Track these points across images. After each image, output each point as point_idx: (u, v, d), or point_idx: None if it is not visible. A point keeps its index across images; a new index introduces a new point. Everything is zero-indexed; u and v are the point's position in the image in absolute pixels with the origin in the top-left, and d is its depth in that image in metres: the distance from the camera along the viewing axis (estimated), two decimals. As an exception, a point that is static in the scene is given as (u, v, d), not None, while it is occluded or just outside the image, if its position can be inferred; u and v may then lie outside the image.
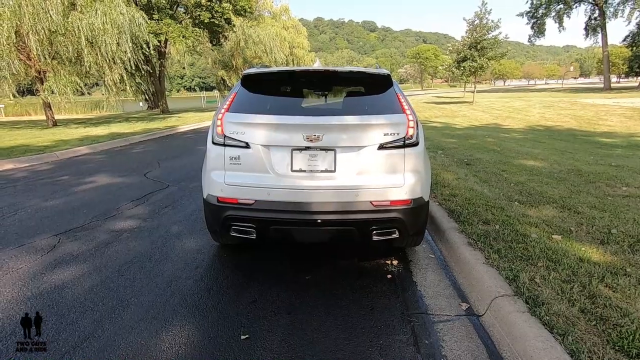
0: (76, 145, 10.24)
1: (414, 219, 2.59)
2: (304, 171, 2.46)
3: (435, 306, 2.37)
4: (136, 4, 22.72)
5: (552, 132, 11.71)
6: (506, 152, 7.20)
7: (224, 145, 2.52)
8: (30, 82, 18.59)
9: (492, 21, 23.78)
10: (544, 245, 2.82)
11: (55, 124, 16.71)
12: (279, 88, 2.78)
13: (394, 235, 2.58)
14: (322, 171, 2.45)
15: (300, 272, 2.83)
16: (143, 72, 21.41)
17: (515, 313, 2.04)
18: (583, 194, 4.21)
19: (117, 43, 15.85)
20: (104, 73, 16.17)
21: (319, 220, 2.42)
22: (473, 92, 27.74)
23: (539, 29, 40.70)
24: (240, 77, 2.81)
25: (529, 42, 43.11)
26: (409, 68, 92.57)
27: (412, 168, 2.51)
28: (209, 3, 24.30)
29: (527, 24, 41.16)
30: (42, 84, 15.18)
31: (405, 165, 2.48)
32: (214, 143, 2.57)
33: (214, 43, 26.85)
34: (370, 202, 2.44)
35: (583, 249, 2.77)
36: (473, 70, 24.72)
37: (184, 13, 24.78)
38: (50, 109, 16.72)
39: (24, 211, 4.37)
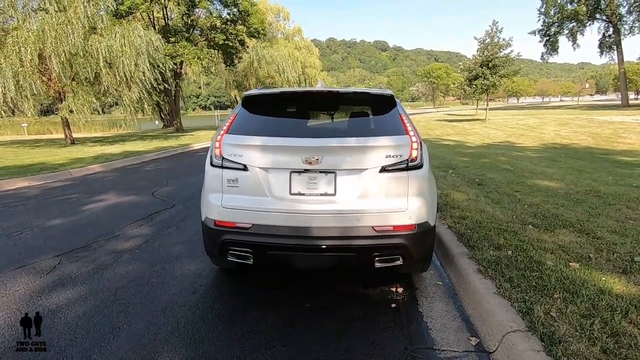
0: (90, 163, 10.45)
1: (418, 245, 2.46)
2: (303, 194, 2.37)
3: (442, 340, 2.21)
4: (154, 28, 23.68)
5: (568, 150, 11.40)
6: (519, 171, 6.98)
7: (222, 167, 2.47)
8: (51, 102, 19.32)
9: (504, 39, 23.77)
10: (561, 273, 2.64)
11: (73, 142, 17.19)
12: (280, 109, 2.74)
13: (398, 262, 2.45)
14: (321, 194, 2.36)
15: (300, 299, 2.70)
16: (159, 92, 22.04)
17: (529, 352, 1.86)
18: (602, 217, 3.99)
19: (135, 64, 16.40)
20: (121, 92, 16.68)
21: (318, 246, 2.31)
22: (485, 109, 27.52)
23: (552, 47, 40.47)
24: (241, 98, 2.79)
25: (541, 59, 42.84)
26: (421, 86, 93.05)
27: (417, 191, 2.40)
28: (223, 26, 25.13)
29: (540, 41, 41.04)
30: (61, 104, 15.73)
31: (409, 189, 2.37)
32: (212, 165, 2.53)
33: (228, 64, 27.55)
34: (372, 227, 2.33)
35: (603, 278, 2.57)
36: (485, 88, 24.59)
37: (200, 35, 25.59)
38: (69, 127, 17.25)
39: (30, 230, 4.39)
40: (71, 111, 15.59)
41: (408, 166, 2.37)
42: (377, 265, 2.42)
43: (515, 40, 23.59)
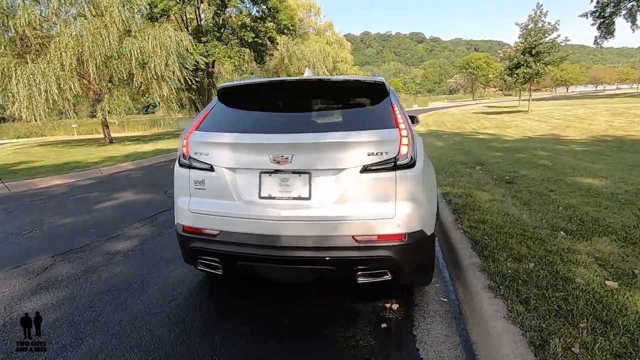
0: (121, 161, 10.82)
1: (410, 258, 2.10)
2: (274, 198, 2.09)
3: (433, 375, 1.84)
4: (187, 29, 24.29)
5: (621, 143, 10.16)
6: (559, 167, 6.23)
7: (189, 167, 2.25)
8: (91, 104, 20.42)
9: (549, 23, 21.92)
10: (593, 295, 2.15)
11: (112, 141, 18.04)
12: (257, 102, 2.45)
13: (386, 277, 2.09)
14: (294, 198, 2.06)
15: (281, 313, 2.43)
16: (191, 90, 22.67)
17: (536, 403, 1.46)
18: (655, 222, 3.35)
19: (166, 64, 16.86)
20: (153, 91, 17.26)
21: (290, 258, 2.02)
22: (528, 100, 25.63)
23: (607, 30, 36.77)
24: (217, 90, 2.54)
25: (595, 44, 39.16)
26: (459, 78, 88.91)
27: (407, 195, 2.03)
28: (253, 23, 25.28)
29: (593, 24, 37.43)
30: (99, 104, 16.53)
31: (397, 192, 2.01)
32: (180, 165, 2.30)
33: (258, 61, 27.77)
34: (353, 236, 1.99)
35: (650, 304, 2.06)
36: (528, 77, 22.88)
37: (231, 34, 25.95)
38: (107, 127, 18.11)
39: (39, 229, 4.47)
40: (108, 112, 16.36)
41: (396, 165, 2.00)
42: (361, 280, 2.08)
43: (563, 25, 21.66)
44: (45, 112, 14.94)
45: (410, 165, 2.04)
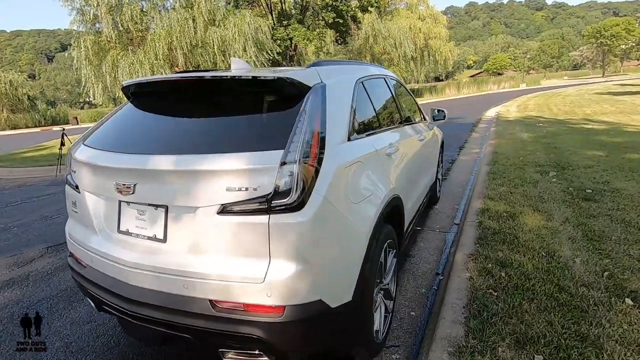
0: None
1: (297, 341, 1.44)
2: (131, 234, 1.61)
3: None
4: (271, 14, 24.78)
5: None
6: (686, 179, 4.38)
7: (68, 183, 1.91)
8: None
9: None
10: None
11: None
12: (147, 106, 1.94)
13: (263, 359, 1.47)
14: (149, 238, 1.56)
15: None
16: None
17: None
18: None
19: (244, 49, 17.46)
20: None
21: (140, 315, 1.54)
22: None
23: None
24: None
25: None
26: (585, 50, 73.83)
27: (290, 250, 1.35)
28: (334, 3, 24.52)
29: None
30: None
31: (272, 245, 1.35)
32: (66, 181, 1.98)
33: (340, 42, 27.04)
34: (211, 301, 1.42)
35: None
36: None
37: (311, 16, 25.68)
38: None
39: (58, 218, 4.76)
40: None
41: (270, 206, 1.33)
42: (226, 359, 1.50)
43: None
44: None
45: (295, 207, 1.34)
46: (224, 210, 1.37)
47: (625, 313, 1.95)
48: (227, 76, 1.64)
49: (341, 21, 24.60)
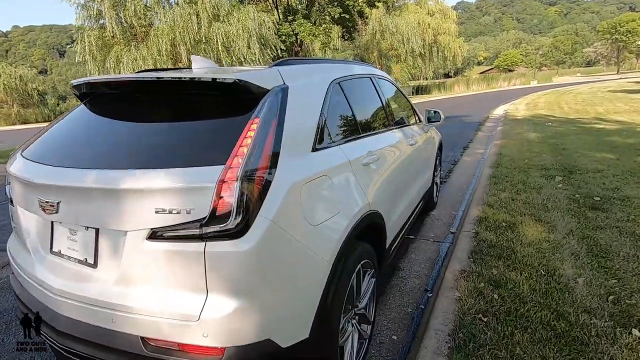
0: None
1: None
2: (62, 256, 1.43)
3: None
4: (277, 9, 24.51)
5: None
6: (703, 186, 4.07)
7: (7, 195, 1.74)
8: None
9: None
10: None
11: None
12: (97, 109, 1.75)
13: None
14: (80, 262, 1.38)
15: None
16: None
17: None
18: None
19: (248, 46, 17.26)
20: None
21: (68, 349, 1.36)
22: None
23: None
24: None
25: None
26: (599, 46, 71.95)
27: (230, 283, 1.16)
28: (340, -2, 24.14)
29: None
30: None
31: (210, 278, 1.16)
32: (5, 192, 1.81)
33: (346, 38, 26.65)
34: (142, 338, 1.23)
35: None
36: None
37: (317, 11, 25.33)
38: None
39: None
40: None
41: (206, 232, 1.14)
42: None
43: None
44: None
45: (235, 233, 1.14)
46: (154, 235, 1.18)
47: (631, 348, 1.72)
48: (172, 78, 1.44)
49: (347, 17, 24.24)
